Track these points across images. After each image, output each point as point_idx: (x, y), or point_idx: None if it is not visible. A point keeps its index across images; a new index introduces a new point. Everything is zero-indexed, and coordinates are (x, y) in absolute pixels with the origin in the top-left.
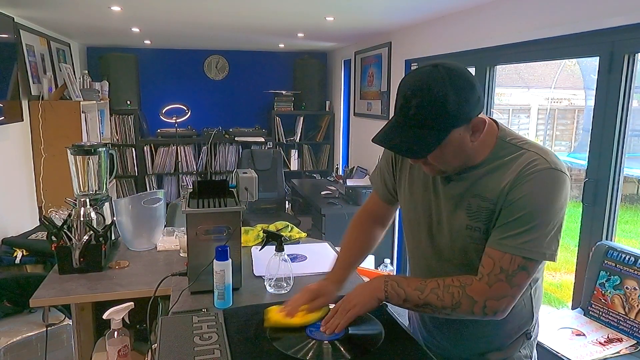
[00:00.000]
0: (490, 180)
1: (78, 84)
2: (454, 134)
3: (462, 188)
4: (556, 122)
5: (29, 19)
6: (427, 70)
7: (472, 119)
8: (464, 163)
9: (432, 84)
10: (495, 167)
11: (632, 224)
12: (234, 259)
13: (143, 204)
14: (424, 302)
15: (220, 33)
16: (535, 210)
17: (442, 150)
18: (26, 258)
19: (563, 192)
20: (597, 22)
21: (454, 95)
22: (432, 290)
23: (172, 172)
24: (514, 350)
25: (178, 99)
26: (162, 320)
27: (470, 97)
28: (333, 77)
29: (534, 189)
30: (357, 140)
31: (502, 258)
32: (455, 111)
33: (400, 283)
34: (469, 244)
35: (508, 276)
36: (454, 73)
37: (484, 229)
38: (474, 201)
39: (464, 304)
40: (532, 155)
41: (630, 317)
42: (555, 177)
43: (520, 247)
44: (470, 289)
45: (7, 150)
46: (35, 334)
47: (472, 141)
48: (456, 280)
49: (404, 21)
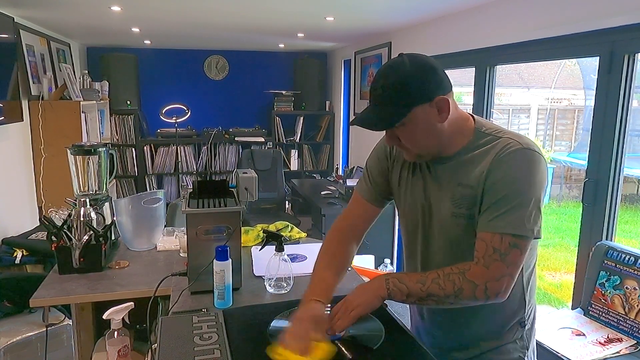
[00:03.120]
0: (471, 168)
1: (78, 84)
2: (418, 111)
3: (446, 177)
4: (556, 122)
5: (29, 19)
6: (393, 59)
7: (433, 98)
8: (439, 146)
9: (395, 67)
10: (475, 156)
11: (632, 224)
12: (234, 259)
13: (143, 204)
14: (427, 293)
15: (220, 33)
16: (517, 189)
17: (411, 129)
18: (26, 258)
19: (539, 169)
20: (597, 22)
21: (414, 75)
22: (433, 280)
23: (172, 172)
24: (508, 340)
25: (178, 99)
26: (162, 320)
27: (431, 77)
28: (333, 77)
29: (512, 169)
30: (357, 140)
31: (492, 239)
32: (416, 89)
33: (402, 279)
34: (457, 233)
35: (501, 255)
36: (414, 58)
37: (467, 214)
38: (457, 190)
39: (465, 290)
40: (506, 140)
41: (630, 317)
42: (529, 155)
43: (507, 225)
44: (470, 274)
45: (7, 150)
46: (35, 334)
47: (440, 122)
48: (455, 268)
49: (404, 21)
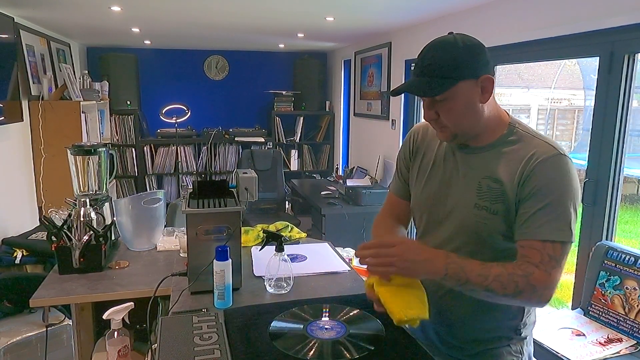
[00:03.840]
0: (503, 163)
1: (78, 84)
2: (463, 86)
3: (474, 167)
4: (556, 122)
5: (29, 19)
6: (443, 36)
7: (480, 76)
8: (474, 127)
9: (445, 42)
10: (507, 152)
11: (632, 224)
12: (234, 259)
13: (143, 204)
14: (486, 288)
15: (220, 33)
16: (561, 196)
17: (452, 103)
18: (26, 258)
19: (575, 176)
20: (597, 22)
21: (464, 51)
22: (496, 277)
23: (172, 172)
24: (502, 344)
25: (178, 99)
26: (162, 320)
27: (479, 55)
28: (333, 77)
29: (555, 176)
30: (357, 140)
31: (544, 247)
32: (464, 63)
33: (463, 267)
34: (476, 224)
35: (558, 262)
36: (465, 37)
37: (490, 208)
38: (484, 182)
39: (525, 292)
40: (542, 145)
41: (630, 317)
42: (566, 162)
43: (558, 233)
44: (533, 279)
45: (7, 150)
46: (35, 334)
47: (481, 102)
48: (517, 269)
49: (404, 21)
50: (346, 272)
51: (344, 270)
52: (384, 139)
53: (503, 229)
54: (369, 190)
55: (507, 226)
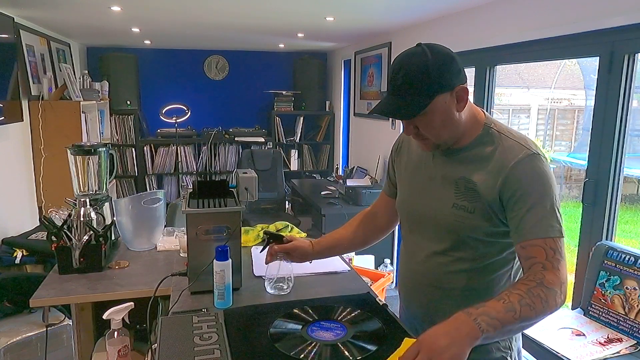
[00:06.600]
0: (479, 164)
1: (78, 84)
2: (439, 100)
3: (452, 169)
4: (556, 122)
5: (29, 19)
6: (410, 49)
7: (455, 87)
8: (454, 136)
9: (414, 57)
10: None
11: (632, 224)
12: (234, 259)
13: (143, 204)
14: (520, 319)
15: (220, 33)
16: (544, 195)
17: (430, 118)
18: (26, 258)
19: (549, 172)
20: (597, 22)
21: (435, 64)
22: (521, 302)
23: (172, 172)
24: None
25: (178, 99)
26: (162, 320)
27: (451, 66)
28: (333, 77)
29: (535, 176)
30: (357, 140)
31: (545, 243)
32: (437, 78)
33: (489, 313)
34: (454, 224)
35: (562, 255)
36: (434, 47)
37: (469, 207)
38: (461, 182)
39: (550, 300)
40: (518, 146)
41: (630, 317)
42: (543, 161)
43: (551, 229)
44: (548, 281)
45: (7, 150)
46: (35, 334)
47: (458, 111)
48: (527, 281)
49: (404, 21)
50: (346, 272)
51: (343, 270)
52: (384, 139)
53: (483, 227)
54: (369, 190)
55: (487, 224)
